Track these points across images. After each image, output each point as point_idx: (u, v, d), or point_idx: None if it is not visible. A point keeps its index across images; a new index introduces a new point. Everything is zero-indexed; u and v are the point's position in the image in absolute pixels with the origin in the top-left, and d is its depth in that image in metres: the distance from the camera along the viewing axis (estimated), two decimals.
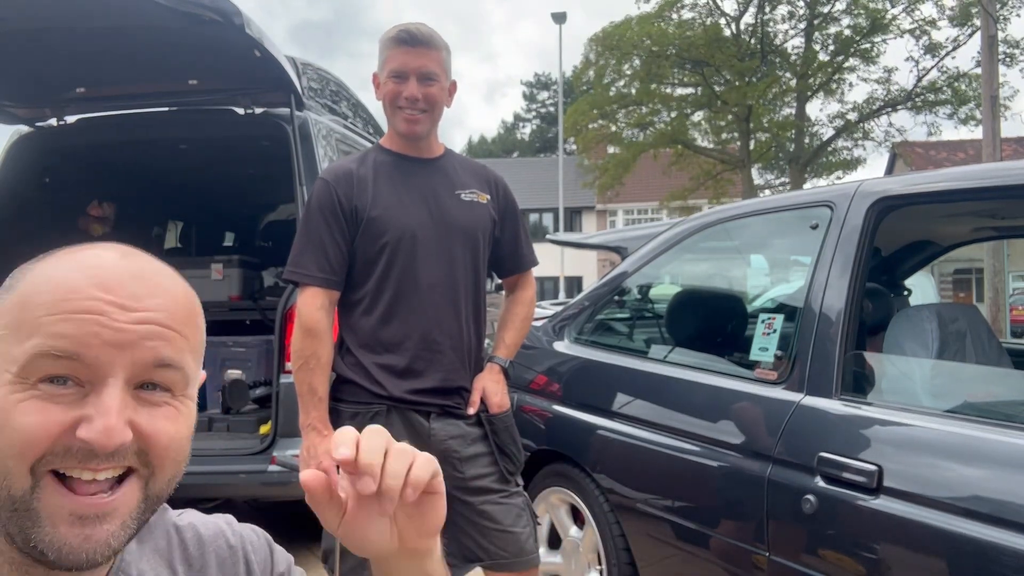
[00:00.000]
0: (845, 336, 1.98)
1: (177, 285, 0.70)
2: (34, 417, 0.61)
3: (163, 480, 0.67)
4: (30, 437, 0.60)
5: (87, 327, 0.62)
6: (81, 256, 0.67)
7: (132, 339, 0.63)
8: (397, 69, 1.97)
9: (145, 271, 0.68)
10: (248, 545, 0.84)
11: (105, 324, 0.62)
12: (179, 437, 0.67)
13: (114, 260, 0.67)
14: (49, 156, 4.01)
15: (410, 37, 1.96)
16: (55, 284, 0.63)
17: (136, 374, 0.64)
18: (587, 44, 22.18)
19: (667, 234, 2.78)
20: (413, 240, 1.97)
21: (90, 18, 2.89)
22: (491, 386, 2.06)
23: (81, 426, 0.61)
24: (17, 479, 0.61)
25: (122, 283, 0.65)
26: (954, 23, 19.10)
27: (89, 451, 0.61)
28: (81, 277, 0.64)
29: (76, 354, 0.61)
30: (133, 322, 0.64)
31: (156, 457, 0.65)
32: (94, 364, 0.62)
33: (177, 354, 0.66)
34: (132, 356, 0.63)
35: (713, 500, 2.17)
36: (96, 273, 0.64)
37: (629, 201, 30.73)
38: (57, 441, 0.61)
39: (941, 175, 2.06)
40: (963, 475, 1.63)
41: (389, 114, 2.02)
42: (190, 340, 0.69)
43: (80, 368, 0.62)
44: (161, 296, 0.67)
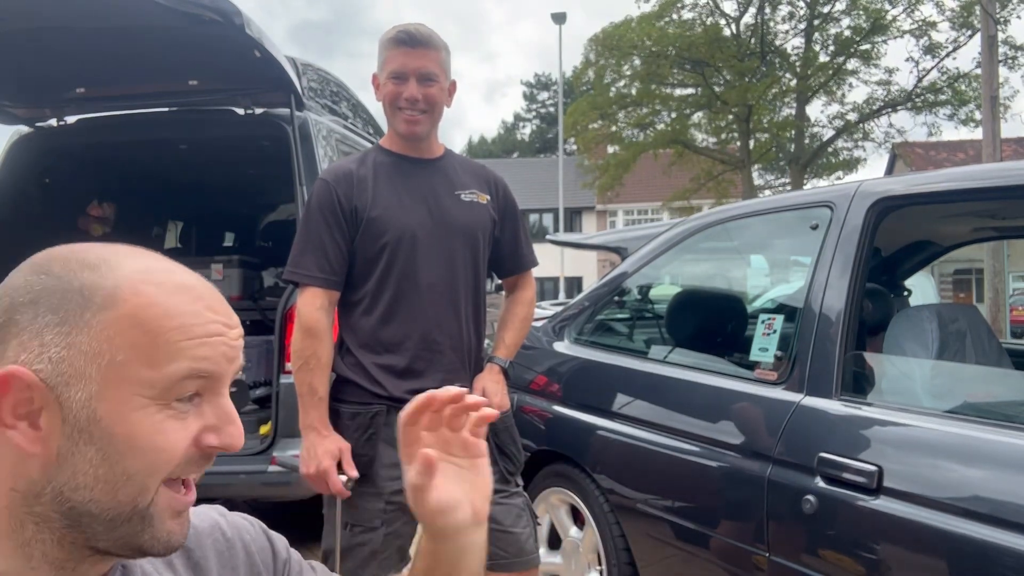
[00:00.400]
0: (845, 336, 1.98)
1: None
2: (174, 435, 0.66)
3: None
4: (171, 455, 0.65)
5: (219, 348, 0.68)
6: (157, 271, 0.69)
7: (238, 352, 0.71)
8: (396, 70, 1.96)
9: (210, 285, 0.73)
10: (245, 535, 0.84)
11: (227, 343, 0.69)
12: None
13: (193, 280, 0.71)
14: (49, 156, 4.00)
15: (409, 38, 1.95)
16: (174, 309, 0.67)
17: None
18: (587, 44, 22.20)
19: (667, 235, 2.78)
20: (413, 240, 1.97)
21: (90, 18, 2.89)
22: (491, 386, 2.06)
23: (209, 435, 0.68)
24: (147, 492, 0.65)
25: (217, 302, 0.70)
26: (954, 25, 19.11)
27: (207, 457, 0.68)
28: (190, 300, 0.68)
29: (212, 373, 0.67)
30: (237, 338, 0.71)
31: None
32: (218, 379, 0.68)
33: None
34: (235, 367, 0.70)
35: (713, 500, 2.17)
36: (197, 295, 0.69)
37: (629, 201, 30.73)
38: (186, 453, 0.66)
39: (941, 175, 2.06)
40: (963, 475, 1.63)
41: (389, 115, 2.02)
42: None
43: (206, 384, 0.68)
44: (229, 308, 0.72)
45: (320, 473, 1.87)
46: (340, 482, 1.87)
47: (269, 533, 0.87)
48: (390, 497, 1.93)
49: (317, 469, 1.87)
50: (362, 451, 1.93)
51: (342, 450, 1.90)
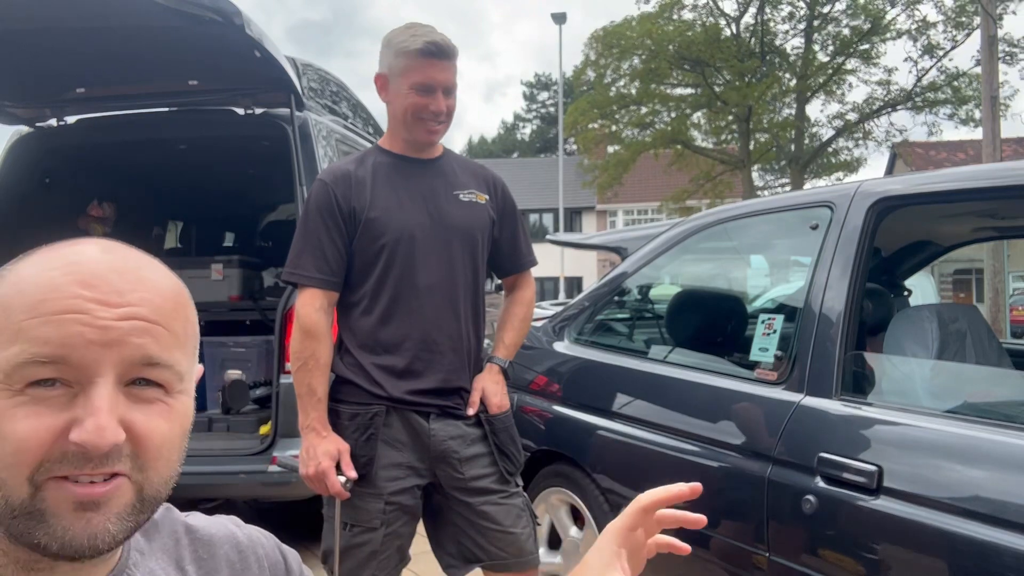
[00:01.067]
0: (845, 336, 1.98)
1: (162, 277, 0.67)
2: (24, 423, 0.59)
3: (157, 482, 0.65)
4: (23, 445, 0.59)
5: (70, 327, 0.59)
6: (60, 253, 0.64)
7: (117, 336, 0.61)
8: (424, 83, 1.94)
9: (127, 264, 0.65)
10: (259, 548, 0.83)
11: (88, 323, 0.60)
12: (172, 435, 0.65)
13: (95, 254, 0.64)
14: (49, 156, 4.01)
15: (438, 49, 1.92)
16: (34, 285, 0.61)
17: (125, 372, 0.62)
18: (587, 43, 22.19)
19: (667, 235, 2.78)
20: (412, 241, 1.97)
21: (90, 18, 2.89)
22: (491, 387, 2.06)
23: (73, 429, 0.59)
24: (14, 489, 0.59)
25: (104, 278, 0.62)
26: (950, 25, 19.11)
27: (83, 455, 0.59)
28: (60, 275, 0.61)
29: (61, 357, 0.59)
30: (117, 318, 0.61)
31: (149, 458, 0.63)
32: (81, 365, 0.60)
33: (165, 350, 0.64)
34: (119, 354, 0.61)
35: (713, 500, 2.17)
36: (76, 269, 0.62)
37: (629, 201, 30.73)
38: (52, 448, 0.59)
39: (941, 175, 2.06)
40: (963, 475, 1.63)
41: (409, 123, 1.98)
42: (178, 334, 0.66)
43: (67, 370, 0.60)
44: (145, 289, 0.64)
45: (319, 474, 1.87)
46: (339, 483, 1.87)
47: (283, 548, 0.86)
48: (389, 497, 1.93)
49: (316, 470, 1.87)
50: (361, 452, 1.93)
51: (341, 451, 1.90)
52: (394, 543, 1.95)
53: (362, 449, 1.93)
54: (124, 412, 0.61)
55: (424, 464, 1.99)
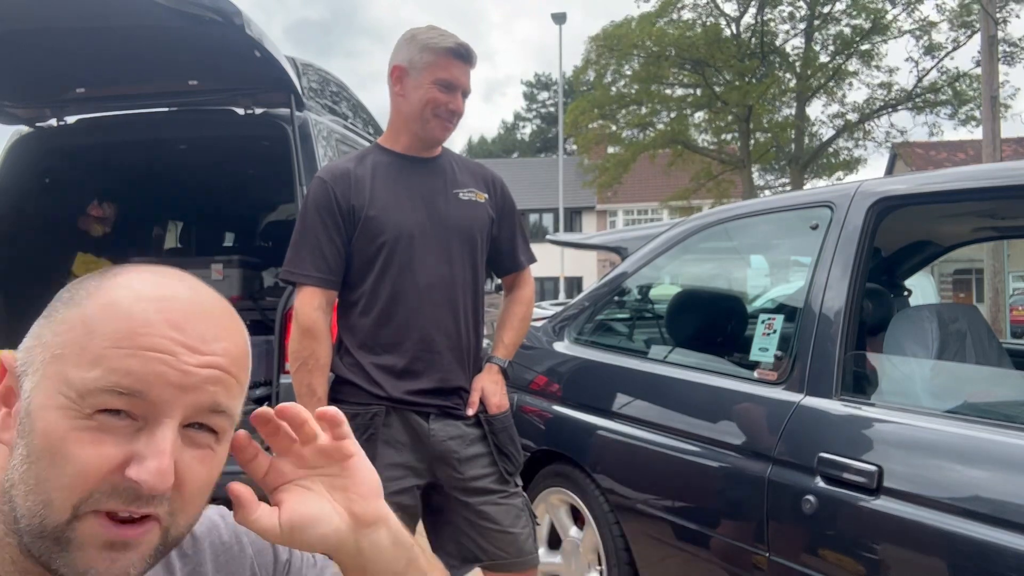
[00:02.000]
0: (845, 336, 1.98)
1: (240, 328, 0.69)
2: (88, 450, 0.59)
3: (184, 525, 0.65)
4: (82, 471, 0.59)
5: (155, 366, 0.60)
6: (151, 284, 0.65)
7: (196, 383, 0.62)
8: (448, 80, 1.98)
9: (215, 311, 0.67)
10: (244, 536, 0.82)
11: (173, 365, 0.61)
12: (209, 481, 0.66)
13: (184, 295, 0.65)
14: (49, 156, 4.00)
15: (467, 53, 2.00)
16: (123, 314, 0.61)
17: (191, 415, 0.63)
18: (587, 43, 22.19)
19: (667, 235, 2.78)
20: (411, 240, 1.97)
21: (90, 18, 2.89)
22: (490, 387, 2.06)
23: (132, 465, 0.60)
24: (57, 512, 0.59)
25: (193, 323, 0.63)
26: (954, 25, 19.11)
27: (134, 491, 0.60)
28: (152, 310, 0.62)
29: (140, 392, 0.60)
30: (199, 365, 0.62)
31: (184, 502, 0.64)
32: (156, 403, 0.61)
33: (232, 400, 0.66)
34: (193, 399, 0.62)
35: (713, 500, 2.17)
36: (168, 307, 0.63)
37: (629, 201, 30.73)
38: (106, 479, 0.59)
39: (941, 175, 2.06)
40: (963, 475, 1.63)
41: (426, 117, 2.00)
42: (243, 385, 0.68)
43: (140, 405, 0.61)
44: (227, 340, 0.65)
45: None
46: None
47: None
48: (389, 498, 1.92)
49: None
50: None
51: None
52: None
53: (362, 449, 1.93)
54: (178, 454, 0.62)
55: (424, 464, 1.98)
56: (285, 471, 0.74)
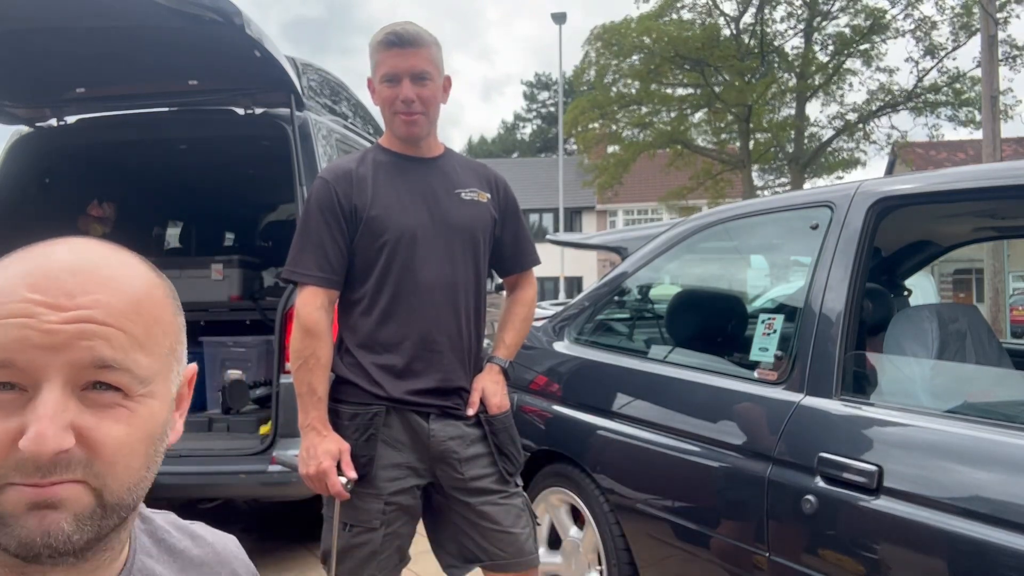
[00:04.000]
0: (845, 336, 1.98)
1: (127, 276, 0.65)
2: None
3: (118, 488, 0.62)
4: None
5: (15, 332, 0.58)
6: (28, 255, 0.63)
7: (63, 340, 0.59)
8: (389, 73, 1.96)
9: (88, 264, 0.63)
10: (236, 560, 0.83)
11: (34, 327, 0.59)
12: (131, 440, 0.62)
13: (61, 256, 0.63)
14: (49, 156, 4.01)
15: (398, 38, 1.94)
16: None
17: (75, 376, 0.60)
18: (587, 41, 22.19)
19: (667, 234, 2.78)
20: (412, 240, 1.97)
21: (90, 18, 2.89)
22: (490, 387, 2.06)
23: (22, 436, 0.58)
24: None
25: (57, 280, 0.60)
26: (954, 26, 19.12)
27: (32, 462, 0.58)
28: (17, 278, 0.60)
29: (8, 361, 0.58)
30: (63, 321, 0.59)
31: (105, 464, 0.61)
32: (28, 369, 0.59)
33: (119, 352, 0.61)
34: (67, 358, 0.59)
35: (713, 500, 2.17)
36: (31, 271, 0.61)
37: (629, 201, 30.73)
38: (9, 454, 0.58)
39: (941, 175, 2.06)
40: (963, 475, 1.63)
41: (387, 118, 2.02)
42: (137, 336, 0.63)
43: (16, 374, 0.59)
44: (100, 291, 0.62)
45: (319, 473, 1.87)
46: (339, 483, 1.87)
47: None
48: (389, 498, 1.93)
49: (316, 469, 1.87)
50: (361, 452, 1.93)
51: (342, 450, 1.90)
52: (394, 543, 1.95)
53: (362, 449, 1.93)
54: (75, 417, 0.60)
55: (424, 464, 1.98)
56: None
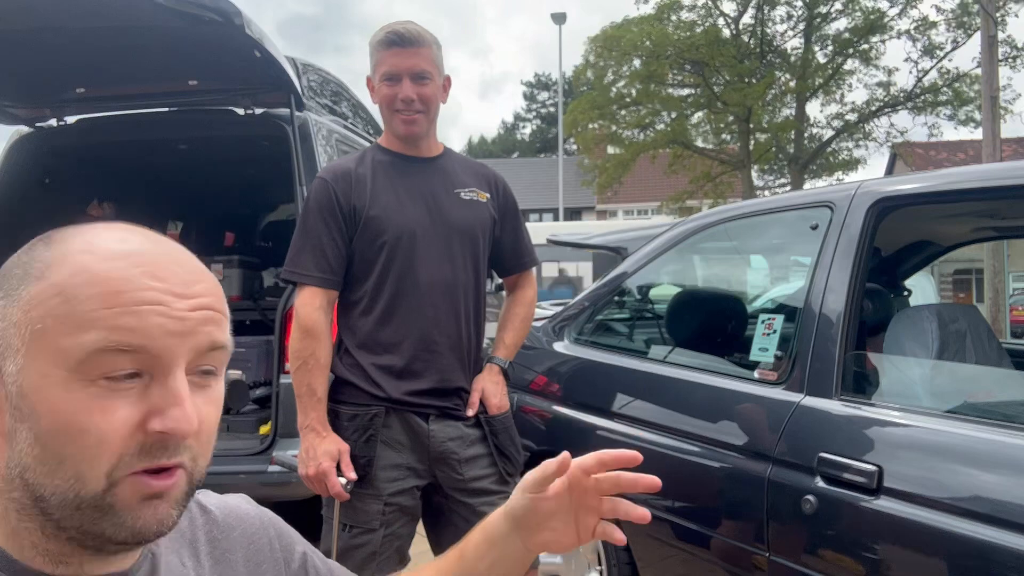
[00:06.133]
0: (845, 336, 1.97)
1: (202, 264, 0.70)
2: (104, 417, 0.59)
3: (204, 467, 0.67)
4: (103, 439, 0.59)
5: (151, 319, 0.60)
6: (111, 241, 0.64)
7: (192, 326, 0.63)
8: (389, 72, 1.96)
9: (180, 255, 0.67)
10: (271, 528, 0.85)
11: (167, 314, 0.61)
12: (215, 420, 0.67)
13: (148, 246, 0.65)
14: (49, 156, 4.00)
15: (399, 38, 1.95)
16: (101, 276, 0.61)
17: (194, 360, 0.64)
18: (587, 45, 22.21)
19: (667, 235, 2.78)
20: (412, 239, 1.97)
21: (90, 18, 2.89)
22: (490, 387, 2.06)
23: (154, 419, 0.60)
24: (91, 483, 0.59)
25: (169, 270, 0.63)
26: (951, 26, 19.13)
27: (162, 444, 0.61)
28: (127, 266, 0.62)
29: (143, 347, 0.60)
30: (190, 309, 0.63)
31: (202, 444, 0.65)
32: (160, 354, 0.61)
33: (225, 334, 0.67)
34: (193, 343, 0.63)
35: (713, 500, 2.17)
36: (140, 261, 0.63)
37: (629, 201, 30.75)
38: (130, 440, 0.60)
39: (941, 175, 2.06)
40: (963, 475, 1.63)
41: (386, 117, 2.02)
42: (228, 317, 0.69)
43: (145, 360, 0.60)
44: (203, 279, 0.66)
45: (319, 474, 1.87)
46: (339, 484, 1.87)
47: (292, 529, 0.88)
48: (389, 499, 1.93)
49: (316, 470, 1.87)
50: (361, 452, 1.92)
51: (341, 451, 1.90)
52: (393, 544, 1.95)
53: (362, 450, 1.93)
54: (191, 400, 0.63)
55: (424, 465, 1.98)
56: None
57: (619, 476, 0.85)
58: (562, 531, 0.88)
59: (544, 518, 0.87)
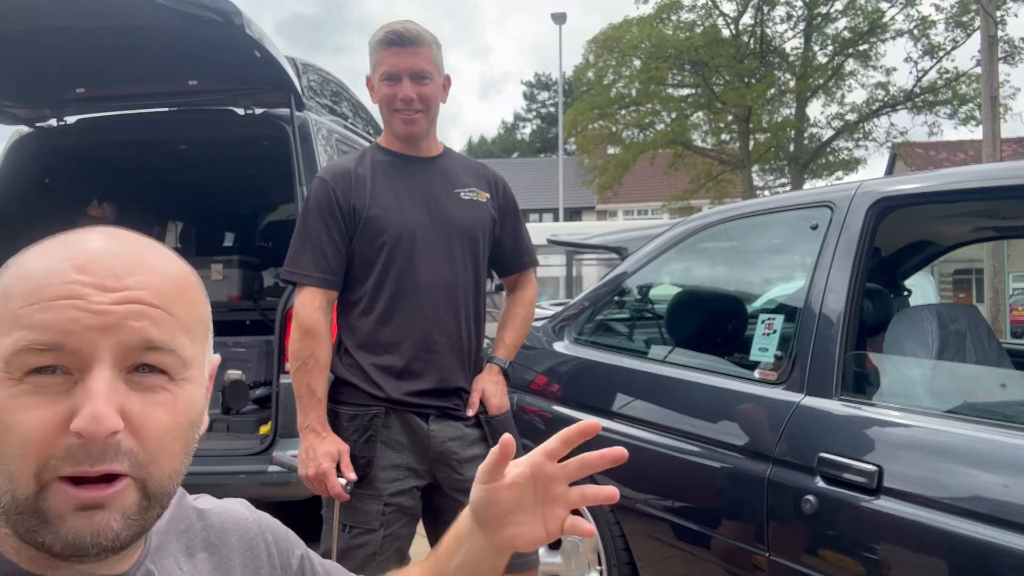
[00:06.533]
0: (845, 336, 1.98)
1: (165, 260, 0.66)
2: (28, 415, 0.57)
3: (161, 476, 0.62)
4: (27, 438, 0.57)
5: (67, 313, 0.58)
6: (63, 240, 0.63)
7: (114, 320, 0.59)
8: (389, 71, 1.96)
9: (127, 248, 0.64)
10: (269, 534, 0.83)
11: (84, 307, 0.58)
12: (174, 425, 0.62)
13: (96, 241, 0.63)
14: (49, 156, 4.01)
15: (398, 37, 1.94)
16: (33, 272, 0.60)
17: (124, 357, 0.60)
18: (587, 45, 22.21)
19: (667, 234, 2.78)
20: (412, 239, 1.97)
21: (90, 18, 2.89)
22: (490, 387, 2.05)
23: (73, 419, 0.57)
24: (22, 484, 0.58)
25: (101, 262, 0.61)
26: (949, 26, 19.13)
27: (83, 447, 0.57)
28: (59, 261, 0.60)
29: (58, 343, 0.58)
30: (114, 302, 0.59)
31: (149, 450, 0.60)
32: (78, 351, 0.58)
33: (166, 334, 0.62)
34: (117, 338, 0.59)
35: (713, 500, 2.17)
36: (74, 254, 0.61)
37: (629, 201, 30.75)
38: (56, 440, 0.57)
39: (941, 175, 2.06)
40: (963, 475, 1.63)
41: (386, 117, 2.02)
42: (181, 318, 0.64)
43: (65, 356, 0.58)
44: (144, 272, 0.62)
45: (319, 475, 1.86)
46: (339, 484, 1.86)
47: (290, 533, 0.87)
48: (389, 499, 1.93)
49: (316, 471, 1.86)
50: (361, 453, 1.92)
51: (341, 452, 1.89)
52: (393, 544, 1.95)
53: (361, 450, 1.93)
54: (123, 400, 0.59)
55: (423, 465, 1.98)
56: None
57: (584, 457, 0.81)
58: (529, 525, 0.84)
59: (506, 512, 0.83)
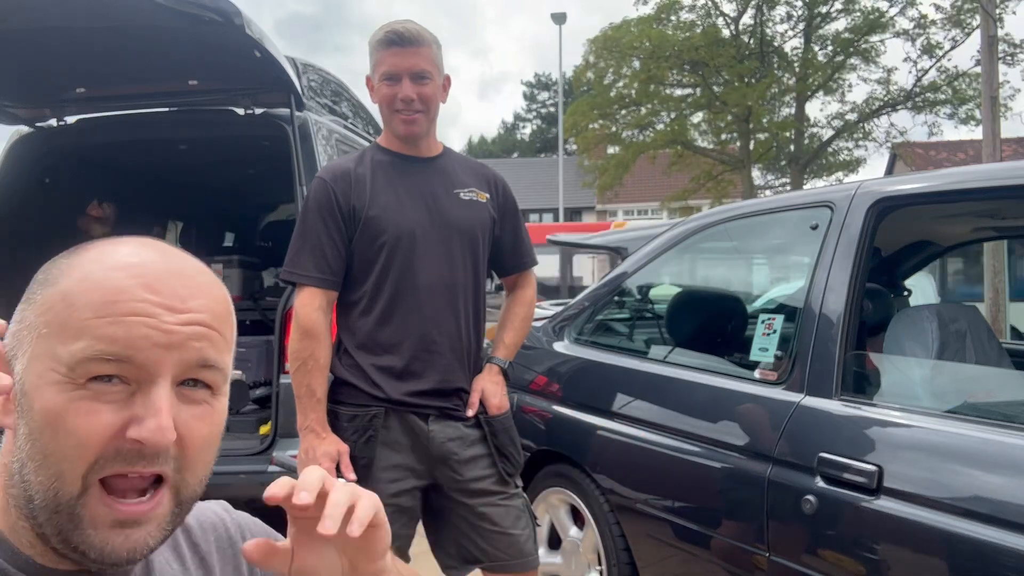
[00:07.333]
0: (845, 336, 1.98)
1: (215, 284, 0.71)
2: (87, 419, 0.61)
3: (193, 482, 0.67)
4: (85, 440, 0.61)
5: (138, 330, 0.63)
6: (121, 254, 0.67)
7: (180, 340, 0.64)
8: (389, 71, 1.96)
9: (186, 270, 0.68)
10: (247, 533, 0.84)
11: (155, 326, 0.63)
12: (212, 436, 0.68)
13: (155, 259, 0.67)
14: (49, 156, 4.00)
15: (399, 37, 1.94)
16: (100, 285, 0.64)
17: (181, 373, 0.65)
18: (587, 46, 22.20)
19: (667, 235, 2.78)
20: (412, 240, 1.97)
21: (90, 18, 2.89)
22: (490, 387, 2.05)
23: (131, 427, 0.62)
24: (69, 484, 0.61)
25: (167, 284, 0.65)
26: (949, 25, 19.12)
27: (138, 452, 0.62)
28: (126, 277, 0.64)
29: (127, 356, 0.62)
30: (180, 323, 0.64)
31: (189, 459, 0.66)
32: (144, 365, 0.63)
33: (219, 354, 0.68)
34: (180, 356, 0.64)
35: (713, 500, 2.17)
36: (140, 273, 0.65)
37: (629, 202, 30.73)
38: (109, 444, 0.61)
39: (941, 175, 2.06)
40: (963, 475, 1.63)
41: (386, 116, 2.02)
42: (228, 339, 0.70)
43: (130, 369, 0.63)
44: (204, 296, 0.67)
45: None
46: None
47: (271, 532, 0.87)
48: (389, 499, 1.93)
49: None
50: (361, 453, 1.92)
51: (341, 452, 1.90)
52: (393, 545, 1.95)
53: (361, 451, 1.93)
54: (176, 412, 0.64)
55: (423, 466, 1.98)
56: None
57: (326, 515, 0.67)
58: (331, 569, 0.73)
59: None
